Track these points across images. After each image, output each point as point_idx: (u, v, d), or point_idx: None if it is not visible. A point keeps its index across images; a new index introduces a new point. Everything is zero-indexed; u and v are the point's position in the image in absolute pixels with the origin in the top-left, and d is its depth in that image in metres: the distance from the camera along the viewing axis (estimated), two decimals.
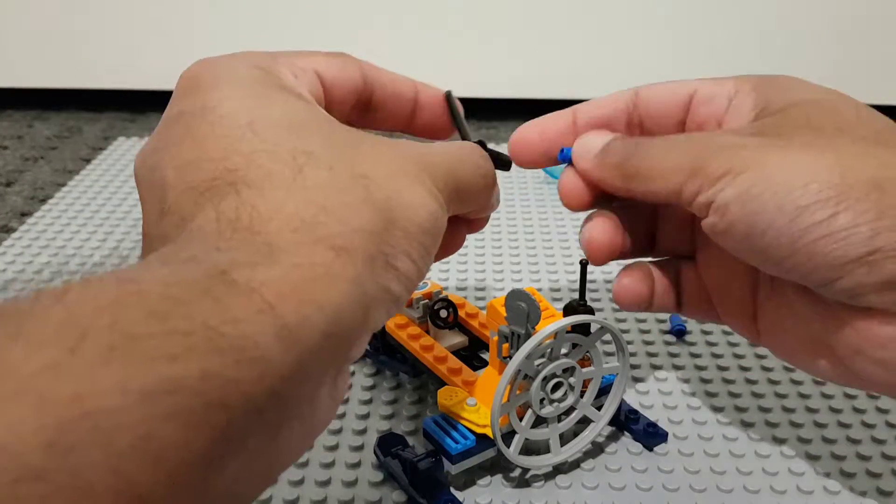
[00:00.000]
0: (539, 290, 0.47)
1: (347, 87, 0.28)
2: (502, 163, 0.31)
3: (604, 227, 0.30)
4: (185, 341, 0.16)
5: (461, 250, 0.52)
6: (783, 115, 0.27)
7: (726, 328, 0.43)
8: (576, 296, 0.33)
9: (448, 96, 0.31)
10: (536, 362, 0.30)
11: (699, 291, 0.32)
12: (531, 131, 0.32)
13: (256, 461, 0.18)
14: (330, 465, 0.33)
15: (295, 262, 0.19)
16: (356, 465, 0.33)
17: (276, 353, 0.17)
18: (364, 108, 0.30)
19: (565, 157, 0.30)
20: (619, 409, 0.34)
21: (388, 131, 0.31)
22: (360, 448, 0.34)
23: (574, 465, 0.33)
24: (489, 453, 0.31)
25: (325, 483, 0.32)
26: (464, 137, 0.31)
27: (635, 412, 0.35)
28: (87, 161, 0.68)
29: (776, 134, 0.26)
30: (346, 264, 0.20)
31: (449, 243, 0.30)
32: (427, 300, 0.37)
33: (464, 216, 0.29)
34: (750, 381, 0.39)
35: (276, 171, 0.21)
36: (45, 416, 0.14)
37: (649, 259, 0.33)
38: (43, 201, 0.60)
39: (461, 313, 0.38)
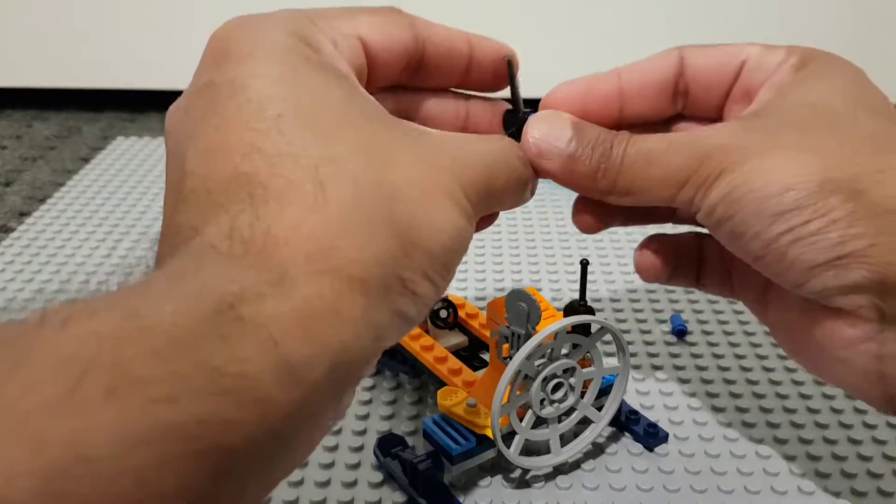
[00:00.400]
0: (539, 290, 0.47)
1: (395, 51, 0.26)
2: None
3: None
4: (187, 383, 0.16)
5: None
6: (780, 113, 0.26)
7: (727, 328, 0.43)
8: (576, 296, 0.33)
9: (509, 63, 0.29)
10: (537, 363, 0.30)
11: (721, 265, 0.32)
12: (572, 96, 0.29)
13: (252, 492, 0.18)
14: (329, 466, 0.33)
15: (305, 295, 0.18)
16: (356, 466, 0.33)
17: (278, 393, 0.17)
18: (415, 69, 0.28)
19: None
20: (619, 409, 0.33)
21: (440, 88, 0.29)
22: (359, 449, 0.34)
23: (574, 465, 0.33)
24: (489, 454, 0.31)
25: (325, 484, 0.32)
26: (515, 105, 0.29)
27: (636, 413, 0.35)
28: (87, 161, 0.68)
29: (766, 131, 0.26)
30: (358, 295, 0.19)
31: (478, 225, 0.30)
32: None
33: None
34: (751, 382, 0.39)
35: (298, 184, 0.19)
36: (39, 458, 0.14)
37: (673, 233, 0.32)
38: (42, 201, 0.60)
39: (461, 313, 0.38)
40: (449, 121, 0.30)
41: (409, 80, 0.28)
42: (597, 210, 0.30)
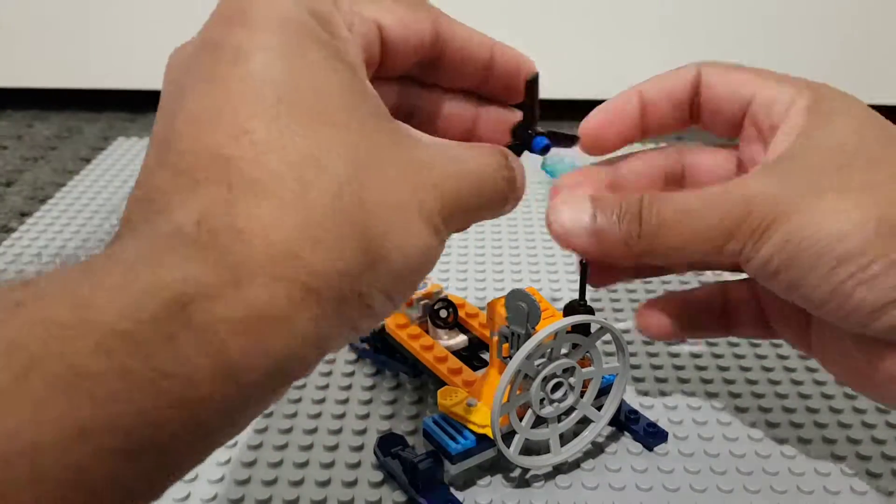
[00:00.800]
0: (539, 290, 0.47)
1: (412, 44, 0.25)
2: (571, 140, 0.30)
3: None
4: (129, 381, 0.16)
5: (461, 250, 0.52)
6: (810, 157, 0.26)
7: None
8: (576, 296, 0.33)
9: (530, 84, 0.28)
10: (536, 362, 0.30)
11: (753, 309, 0.32)
12: (605, 122, 0.30)
13: (171, 477, 0.18)
14: (330, 466, 0.33)
15: (257, 300, 0.18)
16: (356, 466, 0.33)
17: (216, 393, 0.17)
18: (429, 65, 0.27)
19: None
20: (619, 409, 0.34)
21: (453, 89, 0.29)
22: (359, 448, 0.34)
23: (574, 465, 0.33)
24: (489, 453, 0.31)
25: (325, 483, 0.32)
26: (529, 122, 0.29)
27: (635, 412, 0.35)
28: (87, 161, 0.68)
29: (804, 177, 0.25)
30: (311, 306, 0.19)
31: None
32: (427, 300, 0.37)
33: None
34: (750, 382, 0.39)
35: (280, 181, 0.19)
36: None
37: (685, 289, 0.33)
38: (42, 201, 0.60)
39: (461, 313, 0.38)
40: (455, 122, 0.29)
41: (420, 74, 0.28)
42: (606, 268, 0.31)
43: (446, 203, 0.22)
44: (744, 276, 0.32)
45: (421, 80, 0.28)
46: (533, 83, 0.29)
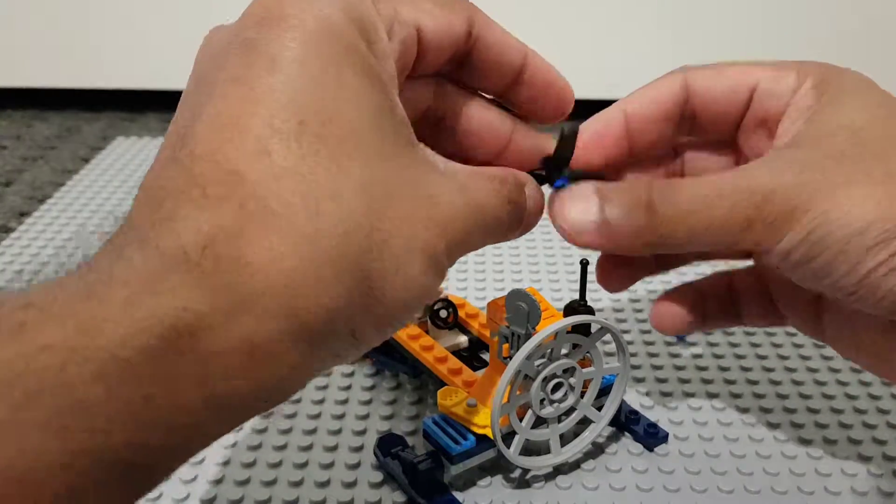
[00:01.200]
0: (539, 290, 0.47)
1: (447, 44, 0.24)
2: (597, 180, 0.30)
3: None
4: (124, 411, 0.16)
5: None
6: (824, 143, 0.26)
7: (727, 328, 0.43)
8: (576, 296, 0.33)
9: (565, 136, 0.27)
10: (536, 363, 0.30)
11: (761, 297, 0.31)
12: (590, 143, 0.29)
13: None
14: (329, 466, 0.33)
15: (253, 333, 0.18)
16: (356, 466, 0.33)
17: (203, 418, 0.18)
18: (459, 64, 0.26)
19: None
20: (619, 409, 0.33)
21: (482, 92, 0.28)
22: (359, 449, 0.34)
23: (574, 465, 0.33)
24: (489, 454, 0.31)
25: (325, 484, 0.32)
26: (558, 166, 0.28)
27: (636, 413, 0.35)
28: (86, 161, 0.68)
29: (819, 165, 0.25)
30: (304, 343, 0.19)
31: None
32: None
33: None
34: (751, 382, 0.39)
35: (293, 212, 0.19)
36: None
37: (693, 279, 0.33)
38: (42, 201, 0.60)
39: (461, 313, 0.38)
40: (490, 135, 0.28)
41: (452, 71, 0.27)
42: (625, 266, 0.31)
43: (451, 241, 0.22)
44: (750, 263, 0.32)
45: (453, 78, 0.27)
46: (569, 137, 0.28)
